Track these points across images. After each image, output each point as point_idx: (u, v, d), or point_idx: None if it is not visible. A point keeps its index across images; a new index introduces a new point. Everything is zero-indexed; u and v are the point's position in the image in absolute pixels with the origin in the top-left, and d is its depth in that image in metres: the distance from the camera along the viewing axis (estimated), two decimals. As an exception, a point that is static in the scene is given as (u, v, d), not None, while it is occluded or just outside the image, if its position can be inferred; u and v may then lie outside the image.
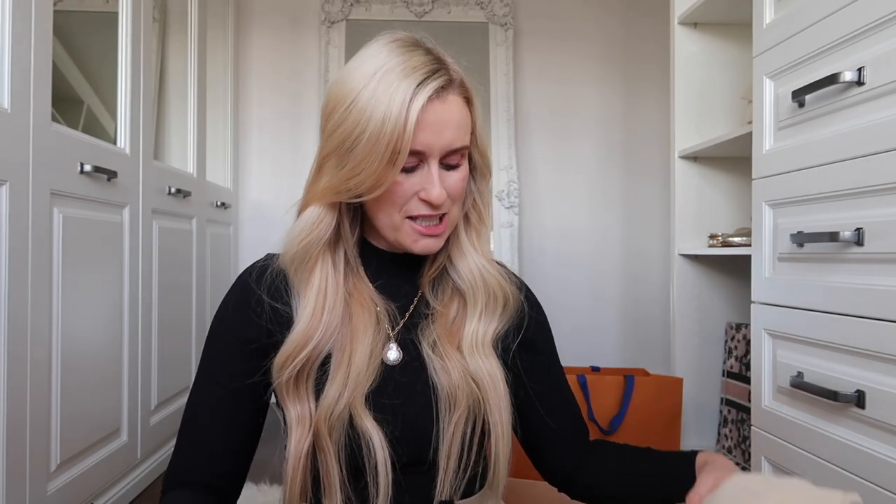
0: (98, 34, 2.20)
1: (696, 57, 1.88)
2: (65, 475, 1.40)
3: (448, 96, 0.69)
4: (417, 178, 0.70)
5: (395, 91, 0.65)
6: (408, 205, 0.70)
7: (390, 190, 0.69)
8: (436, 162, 0.69)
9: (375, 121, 0.65)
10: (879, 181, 0.98)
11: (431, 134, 0.67)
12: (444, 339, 0.75)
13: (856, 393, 1.02)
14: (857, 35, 1.03)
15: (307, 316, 0.72)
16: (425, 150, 0.68)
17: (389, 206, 0.71)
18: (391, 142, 0.65)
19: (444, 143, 0.68)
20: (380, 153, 0.65)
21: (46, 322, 1.32)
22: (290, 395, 0.71)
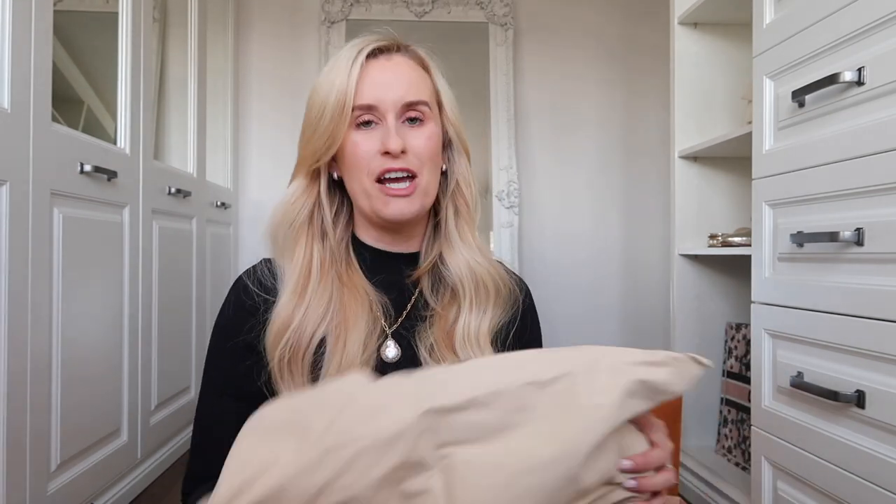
0: (98, 34, 2.20)
1: (696, 57, 1.88)
2: (65, 475, 1.40)
3: (394, 56, 0.75)
4: (377, 135, 0.72)
5: (342, 58, 0.73)
6: (372, 164, 0.72)
7: (352, 151, 0.73)
8: (392, 116, 0.72)
9: (326, 88, 0.73)
10: (879, 181, 0.98)
11: (380, 88, 0.72)
12: (442, 343, 0.75)
13: (856, 393, 1.02)
14: (857, 35, 1.03)
15: (289, 290, 0.72)
16: (376, 104, 0.72)
17: (357, 171, 0.73)
18: (339, 99, 0.71)
19: (396, 97, 0.72)
20: (330, 112, 0.72)
21: (46, 322, 1.31)
22: (284, 379, 0.70)
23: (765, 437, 1.28)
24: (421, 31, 2.72)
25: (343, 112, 0.71)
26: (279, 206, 0.77)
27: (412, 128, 0.74)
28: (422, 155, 0.73)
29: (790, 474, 1.20)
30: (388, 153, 0.71)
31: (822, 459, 1.10)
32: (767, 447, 1.27)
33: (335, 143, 0.73)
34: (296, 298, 0.72)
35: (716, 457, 1.83)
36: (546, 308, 2.85)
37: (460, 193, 0.80)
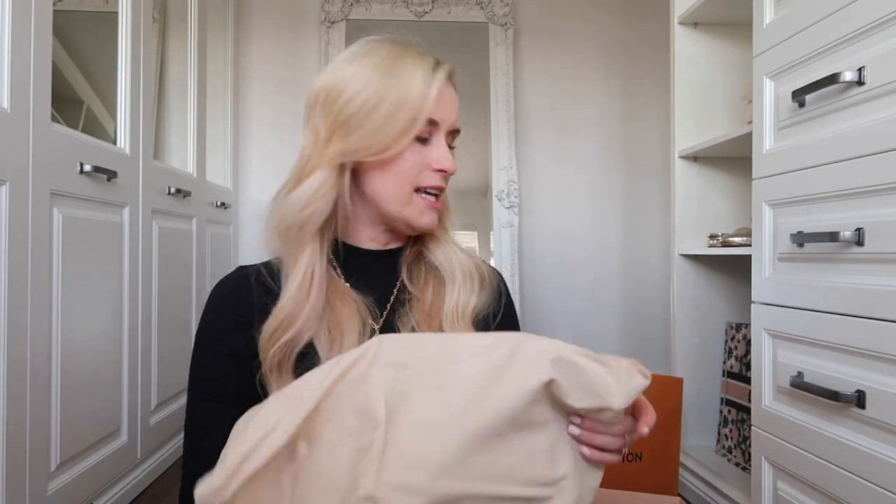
0: (98, 34, 2.20)
1: (696, 57, 1.88)
2: (65, 475, 1.39)
3: (453, 81, 0.79)
4: (428, 152, 0.75)
5: (416, 67, 0.73)
6: (420, 176, 0.75)
7: (404, 159, 0.74)
8: (444, 137, 0.76)
9: (399, 89, 0.72)
10: (879, 181, 0.98)
11: (447, 109, 0.75)
12: (424, 324, 0.77)
13: (856, 393, 1.02)
14: (857, 35, 1.03)
15: (294, 289, 0.72)
16: (440, 122, 0.75)
17: (401, 178, 0.74)
18: (415, 107, 0.72)
19: (453, 120, 0.77)
20: (405, 117, 0.72)
21: (46, 322, 1.31)
22: (273, 376, 0.70)
23: (765, 437, 1.28)
24: (421, 31, 2.72)
25: (416, 122, 0.72)
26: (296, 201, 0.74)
27: (451, 149, 0.78)
28: (453, 173, 0.79)
29: (790, 474, 1.20)
30: (443, 171, 0.75)
31: (822, 459, 1.10)
32: (767, 447, 1.27)
33: (392, 148, 0.72)
34: (300, 299, 0.72)
35: (716, 457, 1.83)
36: (546, 307, 2.85)
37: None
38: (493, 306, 0.82)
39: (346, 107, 0.72)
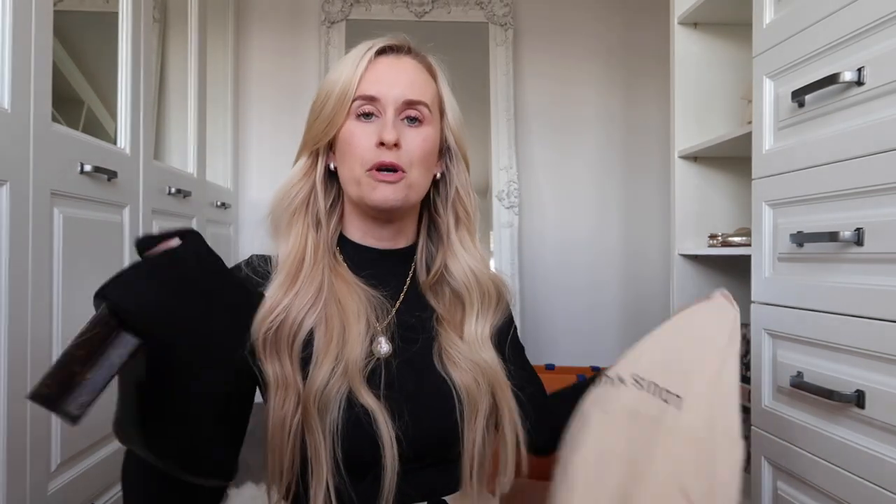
0: (98, 34, 2.20)
1: (696, 57, 1.88)
2: (65, 475, 1.40)
3: (403, 57, 0.79)
4: (375, 128, 0.75)
5: (353, 51, 0.78)
6: (366, 155, 0.75)
7: (348, 139, 0.76)
8: (392, 111, 0.75)
9: (334, 77, 0.77)
10: (879, 181, 0.98)
11: (384, 83, 0.75)
12: (450, 339, 0.78)
13: (855, 393, 1.02)
14: (857, 35, 1.03)
15: (283, 274, 0.74)
16: (379, 97, 0.75)
17: (350, 159, 0.76)
18: (343, 87, 0.75)
19: (398, 93, 0.75)
20: (334, 99, 0.76)
21: (47, 322, 1.31)
22: (268, 355, 0.69)
23: (765, 437, 1.28)
24: (421, 31, 2.72)
25: (345, 99, 0.75)
26: (281, 187, 0.80)
27: (410, 127, 0.76)
28: (414, 154, 0.75)
29: (790, 474, 1.20)
30: (383, 145, 0.73)
31: (821, 459, 1.10)
32: (767, 447, 1.27)
33: (333, 127, 0.76)
34: (288, 282, 0.73)
35: (716, 457, 1.83)
36: (546, 307, 2.85)
37: (460, 202, 0.83)
38: (505, 317, 0.85)
39: (314, 101, 0.79)
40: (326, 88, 0.77)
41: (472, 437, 0.74)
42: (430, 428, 0.73)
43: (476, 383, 0.75)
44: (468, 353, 0.77)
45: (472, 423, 0.74)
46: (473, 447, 0.74)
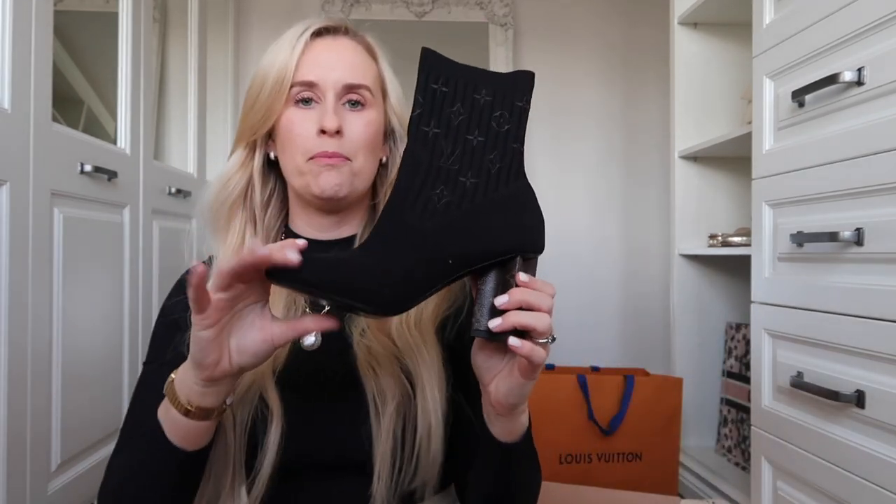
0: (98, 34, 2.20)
1: (696, 57, 1.88)
2: (65, 475, 1.40)
3: (340, 38, 0.75)
4: (315, 115, 0.71)
5: (287, 34, 0.74)
6: (307, 143, 0.71)
7: (288, 128, 0.72)
8: (332, 96, 0.71)
9: (269, 62, 0.73)
10: (879, 181, 0.98)
11: (322, 67, 0.72)
12: (374, 327, 0.71)
13: (855, 393, 1.02)
14: (856, 35, 1.04)
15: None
16: (318, 82, 0.71)
17: (291, 148, 0.72)
18: (279, 73, 0.71)
19: (337, 77, 0.72)
20: (270, 86, 0.71)
21: (47, 322, 1.31)
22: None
23: (765, 437, 1.28)
24: (421, 31, 2.72)
25: (282, 86, 0.71)
26: (216, 181, 0.77)
27: (352, 111, 0.73)
28: (357, 140, 0.72)
29: (790, 474, 1.20)
30: (325, 132, 0.70)
31: (821, 459, 1.10)
32: (767, 447, 1.27)
33: (271, 116, 0.72)
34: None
35: (716, 457, 1.83)
36: (546, 308, 2.85)
37: None
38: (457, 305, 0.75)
39: (249, 88, 0.75)
40: (261, 74, 0.73)
41: (382, 436, 0.68)
42: (332, 431, 0.70)
43: (378, 373, 0.68)
44: (383, 340, 0.70)
45: (377, 421, 0.68)
46: (382, 459, 0.67)
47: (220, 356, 0.55)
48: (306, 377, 0.71)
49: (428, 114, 0.54)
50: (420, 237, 0.53)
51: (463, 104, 0.55)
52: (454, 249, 0.53)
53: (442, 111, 0.54)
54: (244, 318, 0.55)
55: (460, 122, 0.55)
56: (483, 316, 0.55)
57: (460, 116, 0.55)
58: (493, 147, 0.56)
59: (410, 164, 0.54)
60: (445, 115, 0.54)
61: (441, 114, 0.54)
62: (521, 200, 0.58)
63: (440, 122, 0.54)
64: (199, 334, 0.53)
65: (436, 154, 0.54)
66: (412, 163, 0.54)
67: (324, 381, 0.71)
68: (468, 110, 0.55)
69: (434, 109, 0.54)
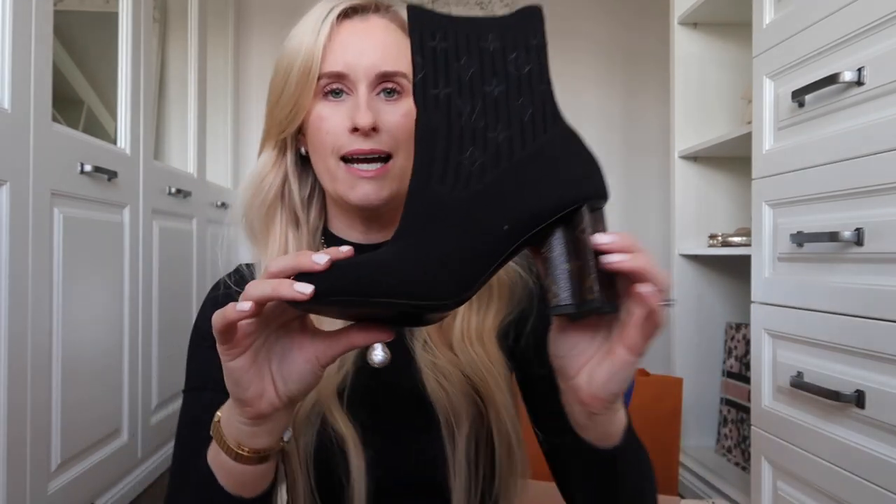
0: (98, 34, 2.20)
1: (696, 57, 1.88)
2: (65, 475, 1.40)
3: (371, 17, 0.66)
4: (346, 108, 0.63)
5: (311, 16, 0.65)
6: (339, 141, 0.63)
7: (317, 125, 0.64)
8: (364, 86, 0.63)
9: (293, 51, 0.64)
10: (879, 181, 0.98)
11: (352, 53, 0.63)
12: (437, 339, 0.66)
13: (855, 393, 1.02)
14: (856, 35, 1.04)
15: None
16: (347, 72, 0.63)
17: (321, 149, 0.64)
18: (304, 64, 0.63)
19: (369, 64, 0.63)
20: (295, 78, 0.64)
21: (47, 322, 1.31)
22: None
23: (765, 437, 1.28)
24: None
25: (308, 79, 0.63)
26: (248, 183, 0.69)
27: (388, 101, 0.64)
28: (397, 133, 0.63)
29: (790, 474, 1.20)
30: (357, 130, 0.61)
31: (821, 459, 1.10)
32: (767, 447, 1.27)
33: (299, 114, 0.65)
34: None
35: (716, 457, 1.83)
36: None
37: None
38: (519, 310, 0.68)
39: (272, 78, 0.68)
40: (285, 63, 0.65)
41: (456, 463, 0.63)
42: (406, 452, 0.64)
43: (449, 392, 0.63)
44: (448, 354, 0.64)
45: (451, 440, 0.63)
46: (457, 479, 0.63)
47: (262, 388, 0.47)
48: (375, 396, 0.65)
49: (433, 75, 0.47)
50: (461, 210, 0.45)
51: (470, 55, 0.48)
52: (505, 214, 0.45)
53: (448, 68, 0.47)
54: (283, 337, 0.48)
55: (472, 74, 0.48)
56: (562, 287, 0.46)
57: (471, 69, 0.48)
58: (518, 93, 0.49)
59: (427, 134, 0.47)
60: (454, 72, 0.47)
61: (448, 71, 0.47)
62: (566, 145, 0.49)
63: (449, 80, 0.47)
64: (231, 365, 0.46)
65: (453, 116, 0.47)
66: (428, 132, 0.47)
67: (394, 399, 0.65)
68: (478, 61, 0.48)
69: (439, 68, 0.47)
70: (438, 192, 0.46)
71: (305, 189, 0.71)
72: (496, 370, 0.64)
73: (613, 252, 0.44)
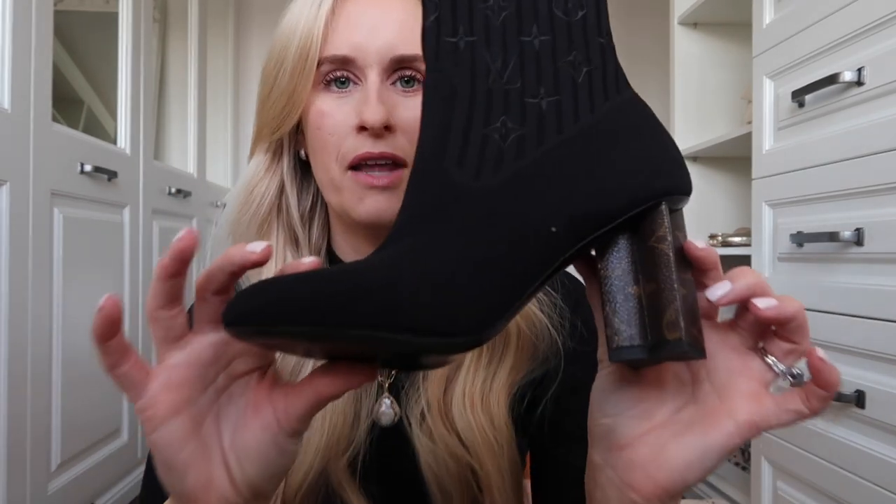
0: (98, 34, 2.20)
1: (696, 57, 1.88)
2: (65, 475, 1.40)
3: None
4: (353, 101, 0.51)
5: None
6: (345, 144, 0.51)
7: (317, 123, 0.52)
8: (376, 73, 0.50)
9: (289, 30, 0.53)
10: (879, 181, 0.98)
11: (360, 32, 0.51)
12: (435, 408, 0.53)
13: (855, 393, 1.02)
14: (856, 35, 1.03)
15: None
16: (355, 56, 0.51)
17: (322, 153, 0.52)
18: (302, 45, 0.51)
19: (383, 45, 0.50)
20: (291, 64, 0.52)
21: (47, 322, 1.32)
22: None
23: (765, 438, 1.28)
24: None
25: (306, 65, 0.51)
26: (236, 193, 0.57)
27: (405, 93, 0.52)
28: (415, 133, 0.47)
29: (790, 474, 1.20)
30: (366, 129, 0.49)
31: (821, 459, 1.10)
32: (767, 447, 1.27)
33: (295, 109, 0.52)
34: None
35: (716, 457, 1.83)
36: (546, 308, 2.85)
37: None
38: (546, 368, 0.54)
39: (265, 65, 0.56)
40: (280, 45, 0.54)
41: None
42: None
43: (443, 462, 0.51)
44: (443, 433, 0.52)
45: None
46: None
47: (208, 473, 0.32)
48: (386, 460, 0.53)
49: (450, 17, 0.34)
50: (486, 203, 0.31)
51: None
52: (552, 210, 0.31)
53: (472, 9, 0.34)
54: (237, 396, 0.34)
55: (505, 18, 0.34)
56: (627, 321, 0.32)
57: (503, 11, 0.34)
58: (569, 46, 0.34)
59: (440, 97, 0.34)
60: (479, 14, 0.34)
61: (471, 13, 0.34)
62: (636, 118, 0.36)
63: (472, 25, 0.34)
64: (157, 436, 0.31)
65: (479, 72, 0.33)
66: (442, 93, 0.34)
67: (406, 464, 0.53)
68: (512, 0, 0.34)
69: (458, 8, 0.34)
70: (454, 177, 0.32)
71: (306, 200, 0.59)
72: (499, 446, 0.51)
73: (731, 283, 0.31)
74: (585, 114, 0.34)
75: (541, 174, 0.32)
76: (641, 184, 0.33)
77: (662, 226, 0.33)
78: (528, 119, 0.33)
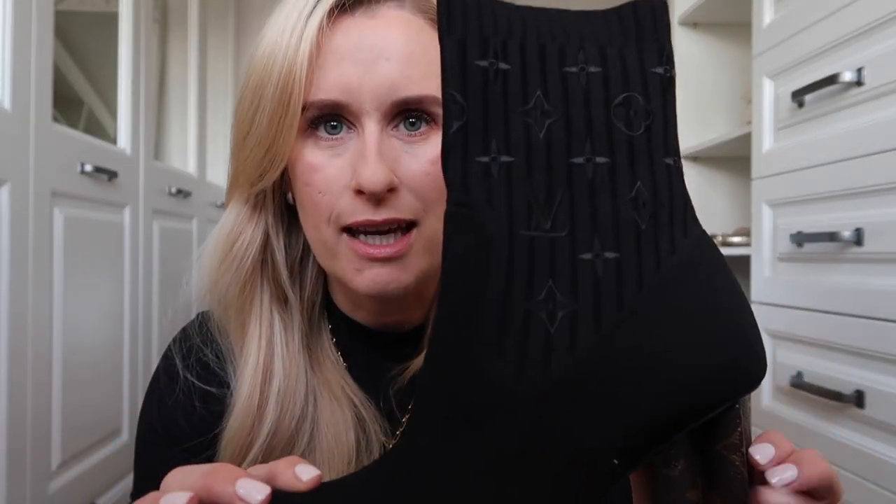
0: (98, 34, 2.20)
1: (696, 57, 1.88)
2: (66, 475, 1.40)
3: (382, 8, 0.43)
4: (347, 154, 0.43)
5: (289, 16, 0.43)
6: (339, 204, 0.43)
7: (305, 179, 0.43)
8: (375, 121, 0.42)
9: (263, 64, 0.44)
10: (879, 181, 0.98)
11: (353, 70, 0.41)
12: None
13: (855, 393, 1.02)
14: (856, 35, 1.04)
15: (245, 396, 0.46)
16: (348, 101, 0.42)
17: (313, 212, 0.44)
18: (281, 86, 0.42)
19: (381, 85, 0.41)
20: (269, 107, 0.43)
21: (47, 322, 1.32)
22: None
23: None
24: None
25: (288, 111, 0.42)
26: (214, 248, 0.49)
27: (411, 138, 0.43)
28: (424, 191, 0.42)
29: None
30: (363, 193, 0.41)
31: (821, 459, 1.10)
32: (767, 447, 1.27)
33: (277, 160, 0.44)
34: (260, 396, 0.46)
35: (716, 457, 1.83)
36: (546, 308, 2.85)
37: None
38: None
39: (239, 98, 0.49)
40: (256, 78, 0.44)
41: None
42: None
43: None
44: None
45: None
46: None
47: None
48: None
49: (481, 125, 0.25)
50: (531, 415, 0.23)
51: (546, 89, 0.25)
52: (617, 422, 0.23)
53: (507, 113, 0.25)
54: None
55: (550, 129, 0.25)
56: None
57: (546, 119, 0.25)
58: (631, 171, 0.26)
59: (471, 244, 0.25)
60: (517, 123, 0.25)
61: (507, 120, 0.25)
62: (711, 278, 0.27)
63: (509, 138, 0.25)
64: None
65: (518, 212, 0.25)
66: (475, 239, 0.25)
67: None
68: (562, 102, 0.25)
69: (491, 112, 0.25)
70: (489, 372, 0.23)
71: (296, 249, 0.51)
72: None
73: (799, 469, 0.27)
74: (650, 273, 0.25)
75: (596, 374, 0.23)
76: (722, 383, 0.25)
77: (736, 430, 0.26)
78: (582, 287, 0.24)
